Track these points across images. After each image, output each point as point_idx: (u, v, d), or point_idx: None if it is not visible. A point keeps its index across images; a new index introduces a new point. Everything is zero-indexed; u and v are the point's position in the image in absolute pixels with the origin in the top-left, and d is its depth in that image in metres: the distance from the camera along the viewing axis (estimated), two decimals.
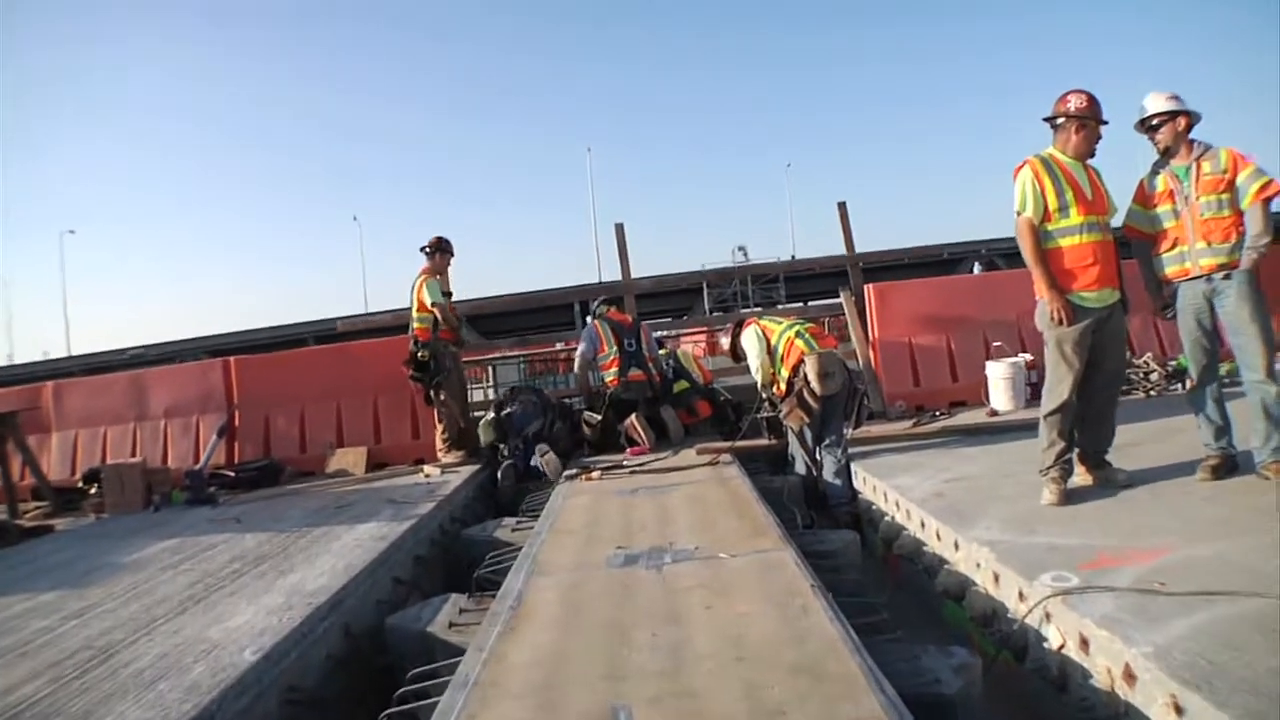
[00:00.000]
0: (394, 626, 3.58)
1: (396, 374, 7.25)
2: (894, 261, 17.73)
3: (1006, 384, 6.75)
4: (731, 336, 6.26)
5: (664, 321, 12.40)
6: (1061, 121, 4.04)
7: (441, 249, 7.54)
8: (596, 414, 7.29)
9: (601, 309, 7.82)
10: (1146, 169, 4.20)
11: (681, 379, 7.73)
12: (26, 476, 7.30)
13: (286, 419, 7.88)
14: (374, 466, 7.44)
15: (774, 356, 5.73)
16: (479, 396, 11.47)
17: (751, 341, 5.87)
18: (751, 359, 5.90)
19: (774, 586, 3.09)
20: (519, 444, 6.82)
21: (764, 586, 3.10)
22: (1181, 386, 6.66)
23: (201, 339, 31.57)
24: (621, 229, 9.15)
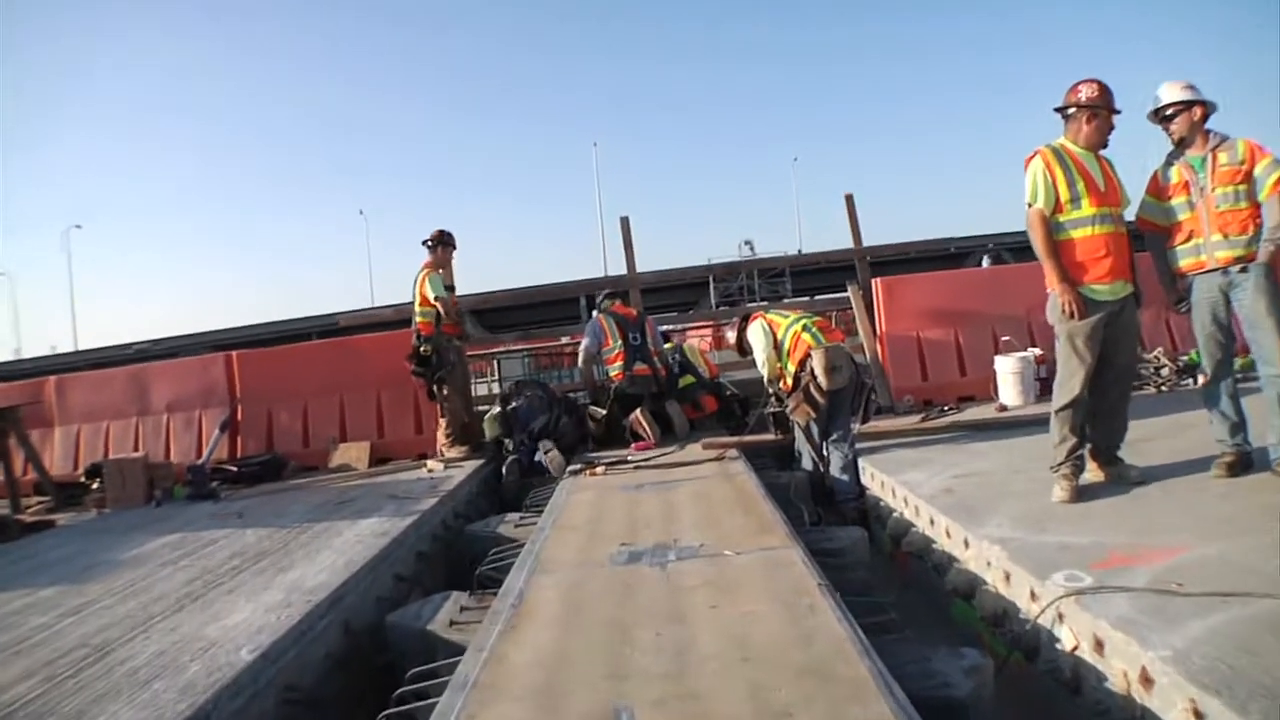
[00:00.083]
0: (394, 624, 3.54)
1: (399, 368, 7.20)
2: (901, 255, 17.53)
3: (1016, 379, 6.69)
4: (737, 330, 6.19)
5: (670, 316, 12.32)
6: (1073, 111, 3.97)
7: (443, 242, 7.48)
8: (601, 409, 7.24)
9: (606, 303, 7.76)
10: (1160, 160, 4.12)
11: (687, 373, 7.67)
12: (29, 471, 7.28)
13: (289, 414, 7.84)
14: (377, 461, 7.40)
15: (780, 351, 5.67)
16: (483, 391, 11.43)
17: (758, 335, 5.81)
18: (758, 353, 5.84)
19: (780, 585, 3.03)
20: (524, 439, 6.77)
21: (770, 585, 3.05)
22: (1193, 381, 6.60)
23: (206, 334, 31.56)
24: (627, 222, 9.09)
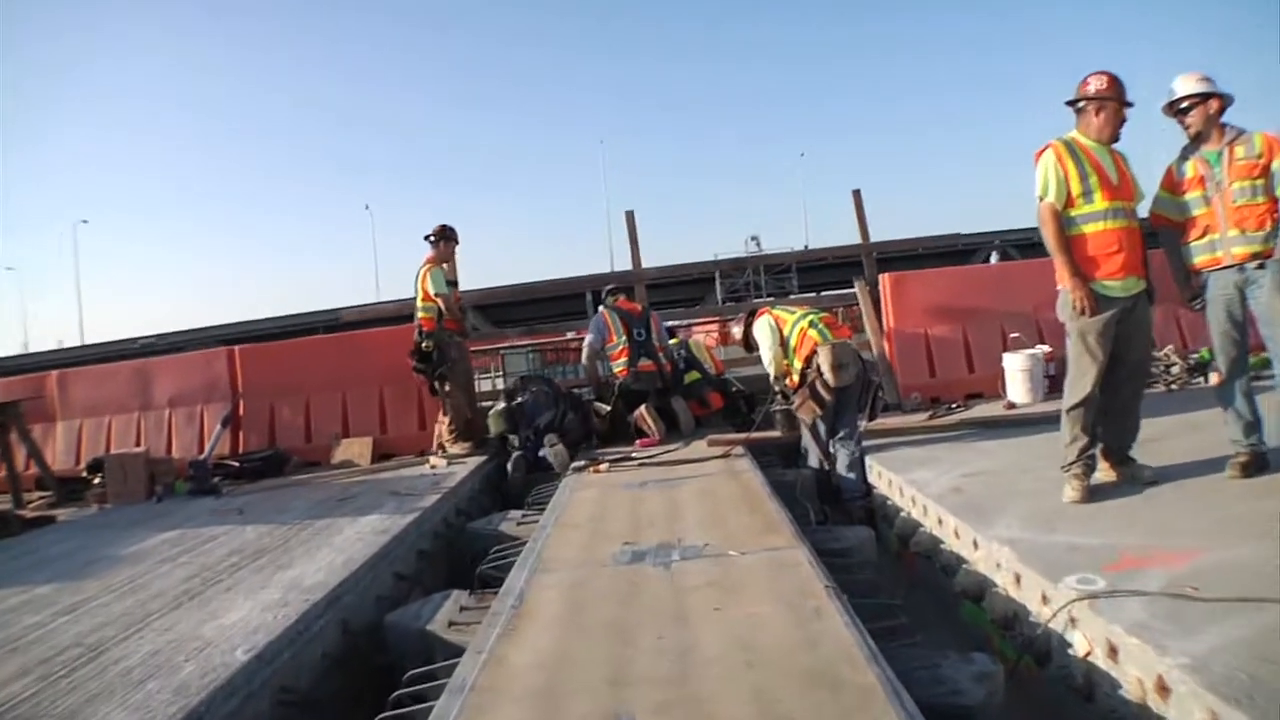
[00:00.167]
0: (393, 624, 3.49)
1: (403, 364, 7.13)
2: (908, 251, 17.35)
3: (1024, 376, 6.61)
4: (744, 326, 6.12)
5: (676, 311, 12.30)
6: (1083, 104, 3.89)
7: (446, 237, 7.42)
8: (606, 405, 7.19)
9: (610, 298, 7.70)
10: (1175, 155, 4.03)
11: (693, 369, 7.62)
12: (31, 466, 7.25)
13: (291, 409, 7.79)
14: (380, 457, 7.35)
15: (787, 347, 5.60)
16: (487, 386, 11.38)
17: (764, 332, 5.74)
18: (764, 350, 5.76)
19: (786, 586, 2.98)
20: (530, 435, 6.72)
21: (776, 586, 3.00)
22: (1204, 379, 6.51)
23: (212, 329, 31.61)
24: (632, 216, 9.05)
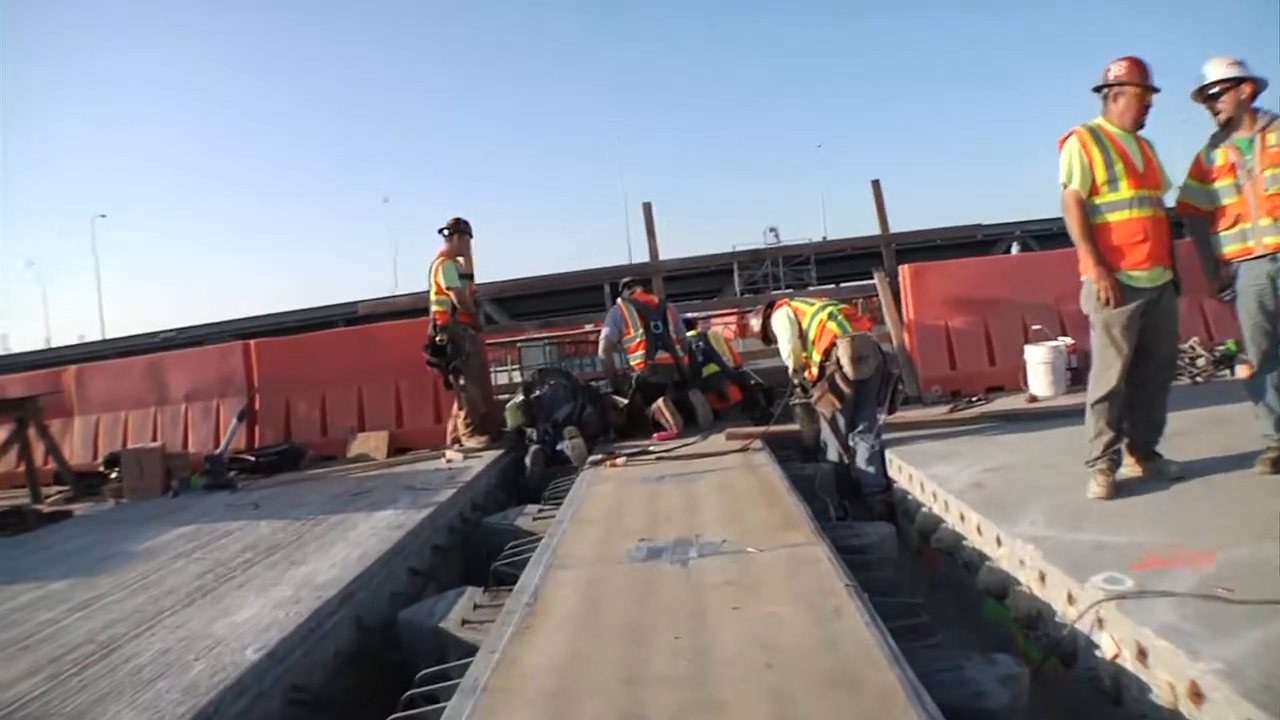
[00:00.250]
0: (406, 621, 3.45)
1: (418, 357, 7.07)
2: (927, 242, 17.18)
3: (1046, 369, 6.48)
4: (762, 318, 6.04)
5: (694, 303, 12.25)
6: (1107, 90, 3.79)
7: (460, 230, 7.36)
8: (623, 398, 7.13)
9: (627, 291, 7.64)
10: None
11: (711, 362, 7.56)
12: (49, 461, 7.27)
13: (307, 403, 7.77)
14: (396, 451, 7.31)
15: (805, 339, 5.51)
16: (504, 380, 11.32)
17: (783, 324, 5.66)
18: (782, 342, 5.68)
19: (805, 584, 2.91)
20: (548, 428, 6.68)
21: (795, 584, 2.93)
22: (1230, 372, 6.37)
23: (231, 322, 31.72)
24: (649, 208, 8.97)
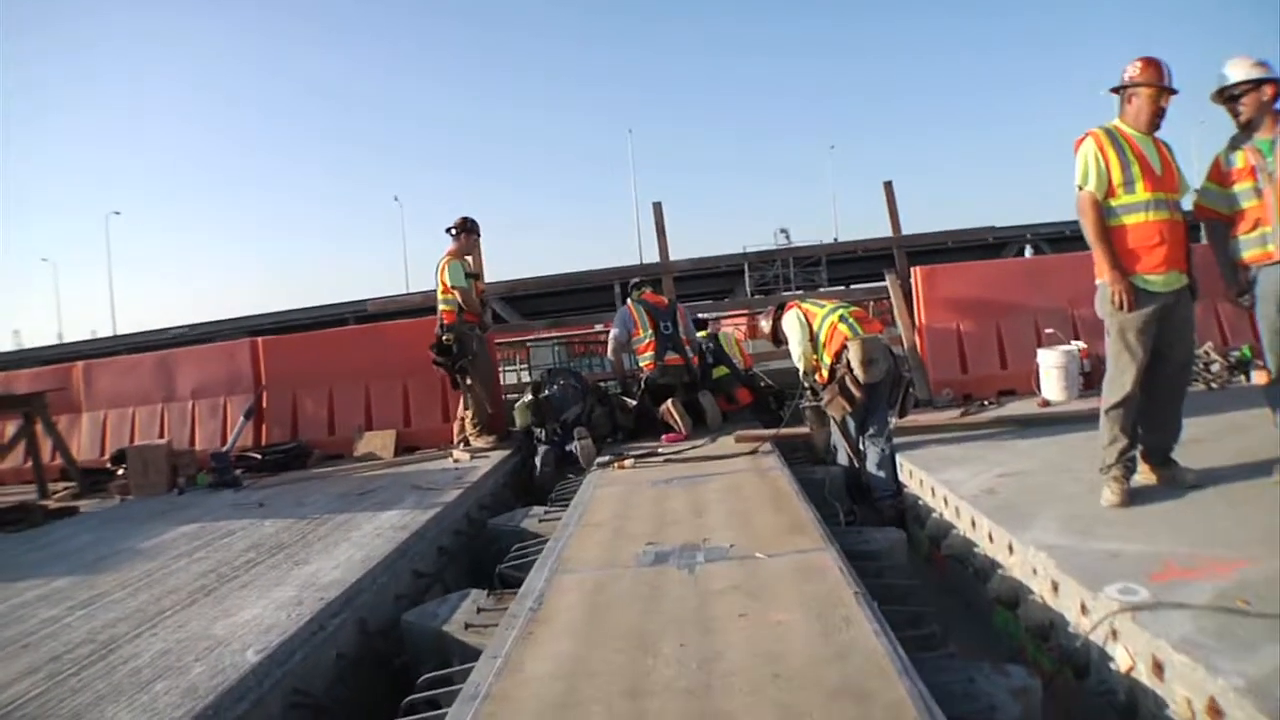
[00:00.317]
0: (410, 624, 3.40)
1: (426, 356, 7.04)
2: (938, 245, 17.10)
3: (1059, 373, 6.39)
4: (772, 320, 5.97)
5: (704, 304, 12.23)
6: (1123, 92, 3.73)
7: (467, 229, 7.34)
8: (631, 399, 7.08)
9: (636, 291, 7.59)
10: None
11: (721, 364, 7.50)
12: (56, 457, 7.27)
13: (315, 401, 7.73)
14: (403, 450, 7.28)
15: (816, 342, 5.45)
16: (513, 379, 11.29)
17: (793, 326, 5.59)
18: (793, 345, 5.62)
19: (814, 592, 2.85)
20: (556, 428, 6.63)
21: (803, 592, 2.87)
22: (1245, 377, 6.28)
23: (243, 319, 31.84)
24: (659, 207, 8.93)
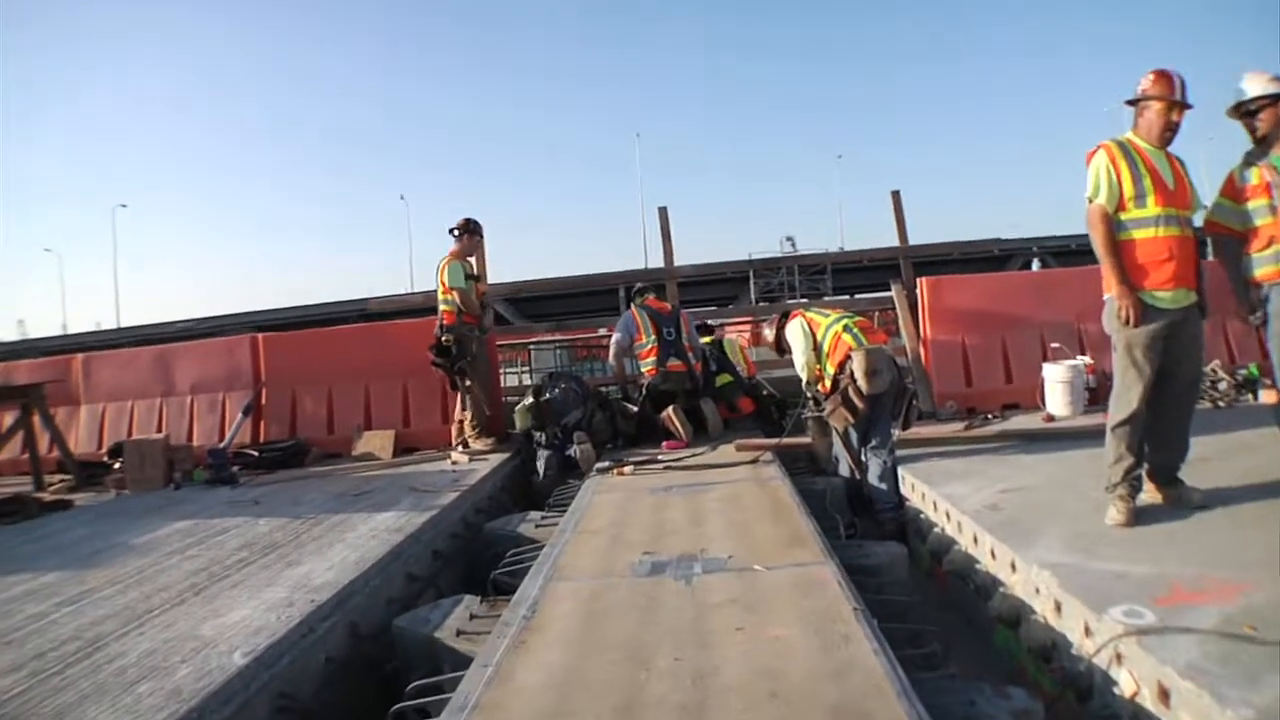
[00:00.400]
0: (401, 629, 3.35)
1: (426, 356, 7.01)
2: (942, 256, 17.05)
3: (1065, 388, 6.33)
4: (776, 328, 5.92)
5: (708, 310, 12.19)
6: (1137, 104, 3.68)
7: (469, 231, 7.32)
8: (632, 404, 7.03)
9: (639, 296, 7.55)
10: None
11: (724, 371, 7.44)
12: (53, 449, 7.23)
13: (314, 399, 7.69)
14: (402, 451, 7.24)
15: (819, 351, 5.39)
16: (514, 381, 11.25)
17: (797, 335, 5.53)
18: (796, 354, 5.56)
19: (813, 607, 2.79)
20: (557, 432, 6.59)
21: (801, 606, 2.81)
22: (1252, 396, 6.21)
23: (248, 314, 31.96)
24: (665, 212, 8.90)
